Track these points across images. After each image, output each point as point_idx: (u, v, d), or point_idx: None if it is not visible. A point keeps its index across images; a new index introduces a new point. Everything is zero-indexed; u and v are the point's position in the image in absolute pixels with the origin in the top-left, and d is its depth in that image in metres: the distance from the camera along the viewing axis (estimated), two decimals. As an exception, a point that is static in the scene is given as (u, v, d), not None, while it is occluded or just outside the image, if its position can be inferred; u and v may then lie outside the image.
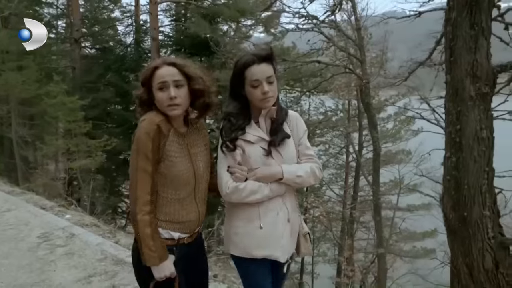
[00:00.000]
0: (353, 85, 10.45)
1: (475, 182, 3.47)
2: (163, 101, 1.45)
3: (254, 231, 1.58)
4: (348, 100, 13.24)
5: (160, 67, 1.48)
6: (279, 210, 1.61)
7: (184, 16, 12.67)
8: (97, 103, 14.94)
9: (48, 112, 10.17)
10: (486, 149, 3.43)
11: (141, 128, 1.45)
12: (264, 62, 1.57)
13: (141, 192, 1.43)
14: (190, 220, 1.56)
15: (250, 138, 1.60)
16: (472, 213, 3.54)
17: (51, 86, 9.62)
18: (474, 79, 3.27)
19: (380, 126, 13.20)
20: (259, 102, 1.58)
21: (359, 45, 9.19)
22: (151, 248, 1.42)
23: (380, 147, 10.07)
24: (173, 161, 1.48)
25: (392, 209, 12.57)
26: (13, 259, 3.27)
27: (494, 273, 3.68)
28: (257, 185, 1.56)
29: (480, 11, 3.15)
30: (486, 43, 3.25)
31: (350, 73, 9.44)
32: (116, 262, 3.08)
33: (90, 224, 4.60)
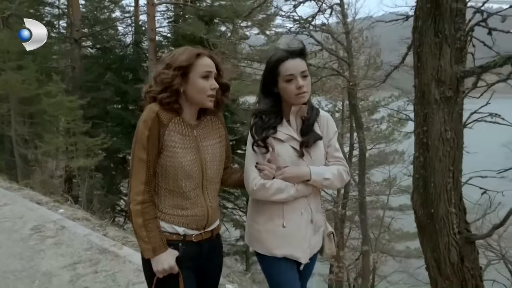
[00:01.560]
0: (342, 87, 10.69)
1: (440, 180, 3.67)
2: (205, 89, 1.41)
3: (276, 229, 1.57)
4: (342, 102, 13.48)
5: (203, 56, 1.44)
6: (303, 210, 1.59)
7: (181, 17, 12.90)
8: (97, 102, 15.21)
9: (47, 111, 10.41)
10: (451, 150, 3.63)
11: (141, 117, 1.42)
12: (298, 57, 1.56)
13: (135, 181, 1.41)
14: (196, 214, 1.48)
15: (280, 136, 1.57)
16: (439, 210, 3.75)
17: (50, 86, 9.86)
18: (438, 83, 3.48)
19: (373, 127, 13.41)
20: (294, 97, 1.55)
21: (347, 48, 9.41)
22: (144, 239, 1.39)
23: (366, 147, 10.30)
24: (174, 152, 1.42)
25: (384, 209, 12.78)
26: (6, 248, 3.50)
27: (459, 266, 3.89)
28: (284, 184, 1.54)
29: (443, 20, 3.36)
30: (449, 50, 3.45)
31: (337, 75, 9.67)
32: (101, 251, 3.30)
33: (82, 218, 4.82)
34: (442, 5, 3.27)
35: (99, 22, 16.24)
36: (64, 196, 7.66)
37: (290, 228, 1.57)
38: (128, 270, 2.88)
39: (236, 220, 13.54)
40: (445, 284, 3.96)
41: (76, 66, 13.33)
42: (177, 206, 1.46)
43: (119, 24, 17.24)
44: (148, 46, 12.22)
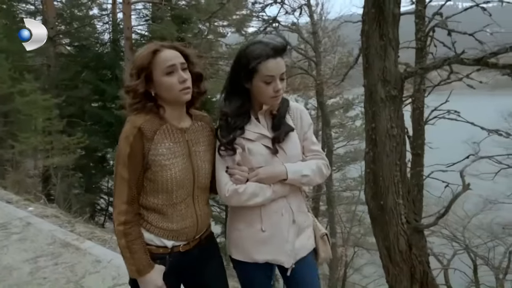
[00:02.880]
0: (310, 86, 11.00)
1: (388, 174, 3.94)
2: (173, 86, 1.32)
3: (255, 234, 1.49)
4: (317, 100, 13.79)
5: (161, 50, 1.33)
6: (283, 211, 1.49)
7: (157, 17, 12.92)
8: (74, 101, 15.06)
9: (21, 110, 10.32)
10: (398, 145, 3.90)
11: (122, 132, 1.33)
12: (280, 56, 1.42)
13: (117, 200, 1.34)
14: (186, 226, 1.42)
15: (250, 136, 1.46)
16: (388, 202, 4.02)
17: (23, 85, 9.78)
18: (384, 83, 3.73)
19: (348, 125, 13.76)
20: (268, 99, 1.45)
21: (314, 48, 9.69)
22: (129, 260, 1.33)
23: (333, 144, 10.62)
24: (162, 165, 1.33)
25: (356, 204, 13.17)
26: (-30, 245, 3.58)
27: (408, 254, 4.18)
28: (259, 187, 1.43)
29: (386, 25, 3.60)
30: (393, 52, 3.71)
31: (304, 74, 9.95)
32: (64, 245, 3.43)
33: (51, 215, 4.90)
34: (385, 10, 3.51)
35: (75, 19, 16.08)
36: (37, 195, 7.66)
37: (270, 232, 1.47)
38: (87, 261, 3.02)
39: (215, 216, 13.69)
40: (396, 271, 4.26)
41: (51, 64, 13.19)
42: (166, 220, 1.39)
43: (97, 22, 17.12)
44: (124, 44, 12.21)
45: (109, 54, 16.05)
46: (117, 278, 2.70)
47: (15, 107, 10.98)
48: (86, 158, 16.03)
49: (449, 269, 9.87)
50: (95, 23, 16.95)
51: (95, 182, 16.99)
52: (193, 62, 1.39)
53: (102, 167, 17.07)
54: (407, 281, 4.29)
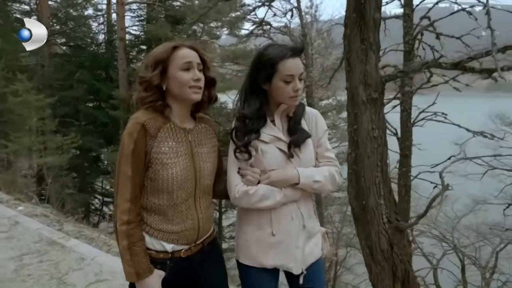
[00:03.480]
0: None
1: (369, 174, 4.04)
2: (186, 82, 1.31)
3: (265, 238, 1.45)
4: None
5: (181, 48, 1.34)
6: (293, 215, 1.47)
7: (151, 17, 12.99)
8: (68, 101, 15.09)
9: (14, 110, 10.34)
10: (379, 146, 4.00)
11: (126, 129, 1.31)
12: (298, 57, 1.44)
13: (120, 199, 1.30)
14: (187, 229, 1.38)
15: (264, 138, 1.45)
16: (369, 202, 4.12)
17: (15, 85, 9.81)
18: (365, 86, 3.83)
19: (341, 126, 13.86)
20: (287, 99, 1.44)
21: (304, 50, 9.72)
22: (128, 262, 1.28)
23: None
24: (163, 164, 1.31)
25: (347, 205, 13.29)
26: (-43, 244, 3.63)
27: (389, 252, 4.28)
28: (270, 189, 1.42)
29: (367, 29, 3.70)
30: (374, 56, 3.80)
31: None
32: (50, 243, 3.49)
33: (40, 214, 4.96)
34: (366, 15, 3.60)
35: (70, 19, 16.10)
36: (28, 194, 7.70)
37: (280, 236, 1.44)
38: (71, 259, 3.09)
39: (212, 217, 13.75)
40: (378, 269, 4.36)
41: (45, 64, 13.21)
42: (166, 221, 1.35)
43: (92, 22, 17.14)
44: (118, 45, 12.27)
45: (104, 54, 16.10)
46: (99, 274, 2.77)
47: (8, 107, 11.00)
48: (80, 158, 16.04)
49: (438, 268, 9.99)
50: (90, 23, 16.99)
51: (89, 182, 17.01)
52: (209, 66, 1.40)
53: (96, 167, 17.08)
54: (389, 279, 4.39)
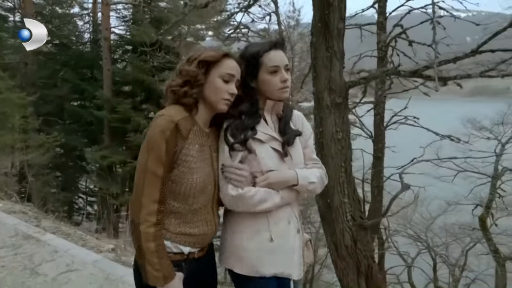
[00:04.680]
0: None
1: (334, 175, 4.29)
2: (221, 92, 1.31)
3: (262, 244, 1.38)
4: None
5: (230, 58, 1.34)
6: (290, 219, 1.43)
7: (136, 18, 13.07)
8: (51, 99, 15.03)
9: (-5, 107, 10.32)
10: (343, 148, 4.25)
11: (156, 125, 1.25)
12: (280, 49, 1.43)
13: (147, 199, 1.24)
14: (205, 233, 1.37)
15: (260, 136, 1.39)
16: (334, 200, 4.37)
17: (-3, 82, 9.81)
18: (330, 91, 4.08)
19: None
20: (276, 91, 1.41)
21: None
22: (155, 266, 1.24)
23: None
24: (190, 168, 1.28)
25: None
26: None
27: (353, 249, 4.54)
28: (268, 192, 1.36)
29: (332, 38, 3.95)
30: (338, 63, 4.05)
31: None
32: (25, 237, 3.63)
33: (19, 211, 5.07)
34: (330, 25, 3.85)
35: (56, 17, 16.02)
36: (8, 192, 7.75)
37: (279, 241, 1.38)
38: (45, 251, 3.24)
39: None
40: (343, 265, 4.62)
41: (29, 62, 13.15)
42: (186, 224, 1.33)
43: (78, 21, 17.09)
44: (102, 44, 12.33)
45: (89, 54, 16.08)
46: (71, 265, 2.94)
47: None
48: (64, 156, 15.99)
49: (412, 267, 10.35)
50: (76, 22, 16.93)
51: (72, 181, 16.90)
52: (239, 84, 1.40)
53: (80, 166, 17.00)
54: (354, 274, 4.66)
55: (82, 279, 2.71)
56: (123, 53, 14.47)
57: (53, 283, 2.67)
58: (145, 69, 11.83)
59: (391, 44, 7.60)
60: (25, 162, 10.68)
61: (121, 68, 14.48)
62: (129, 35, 13.24)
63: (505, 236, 9.61)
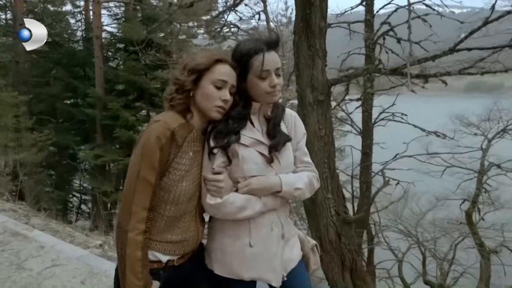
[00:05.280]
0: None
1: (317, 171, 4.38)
2: (213, 99, 1.28)
3: (242, 249, 1.37)
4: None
5: (223, 63, 1.30)
6: (273, 225, 1.39)
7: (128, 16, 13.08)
8: (44, 98, 15.01)
9: (-14, 106, 10.34)
10: (326, 145, 4.35)
11: (152, 131, 1.22)
12: (273, 50, 1.34)
13: (137, 206, 1.21)
14: (185, 240, 1.34)
15: (245, 141, 1.34)
16: (318, 196, 4.47)
17: (-13, 81, 9.81)
18: (312, 89, 4.17)
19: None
20: (264, 95, 1.35)
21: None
22: (137, 275, 1.20)
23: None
24: (181, 176, 1.27)
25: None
26: None
27: (337, 243, 4.65)
28: (247, 199, 1.33)
29: (314, 37, 4.04)
30: (320, 61, 4.15)
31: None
32: (13, 234, 3.70)
33: (8, 209, 5.13)
34: (311, 24, 3.94)
35: (48, 15, 15.96)
36: (-1, 191, 7.78)
37: (258, 247, 1.37)
38: (32, 247, 3.31)
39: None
40: (327, 259, 4.73)
41: (20, 60, 13.12)
42: (167, 231, 1.31)
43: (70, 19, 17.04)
44: (94, 43, 12.33)
45: (81, 52, 16.05)
46: (56, 260, 3.01)
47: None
48: (57, 155, 15.99)
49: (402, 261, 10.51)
50: (68, 20, 16.88)
51: (66, 180, 16.89)
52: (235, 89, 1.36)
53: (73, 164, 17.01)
54: (338, 267, 4.77)
55: (66, 273, 2.79)
56: (115, 52, 14.45)
57: (38, 277, 2.75)
58: (136, 68, 11.85)
59: (379, 41, 7.69)
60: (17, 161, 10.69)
61: (113, 67, 14.47)
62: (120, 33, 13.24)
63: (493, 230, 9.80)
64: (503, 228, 9.61)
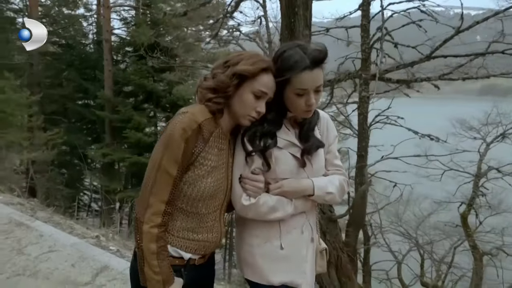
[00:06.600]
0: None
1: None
2: (249, 108, 1.25)
3: (273, 252, 1.35)
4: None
5: (268, 73, 1.25)
6: (303, 228, 1.38)
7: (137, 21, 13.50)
8: (56, 99, 15.56)
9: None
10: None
11: (178, 122, 1.18)
12: (318, 68, 1.27)
13: (155, 198, 1.19)
14: (209, 240, 1.31)
15: (279, 143, 1.33)
16: (303, 194, 4.67)
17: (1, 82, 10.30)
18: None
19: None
20: (299, 111, 1.32)
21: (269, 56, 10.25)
22: (154, 269, 1.19)
23: None
24: (207, 171, 1.23)
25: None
26: None
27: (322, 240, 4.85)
28: (280, 201, 1.32)
29: (298, 44, 4.26)
30: (305, 67, 4.37)
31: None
32: (17, 225, 4.02)
33: (16, 203, 5.49)
34: (295, 32, 4.17)
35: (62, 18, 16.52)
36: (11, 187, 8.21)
37: (289, 250, 1.35)
38: (32, 236, 3.62)
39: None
40: (313, 255, 4.93)
41: (34, 62, 13.68)
42: (190, 229, 1.28)
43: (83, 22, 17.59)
44: (104, 46, 12.78)
45: (93, 54, 16.57)
46: (53, 246, 3.32)
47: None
48: (68, 154, 16.53)
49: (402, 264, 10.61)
50: (81, 23, 17.44)
51: (77, 178, 17.40)
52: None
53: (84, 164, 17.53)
54: (324, 264, 4.97)
55: (60, 258, 3.09)
56: (124, 55, 14.92)
57: (34, 261, 3.05)
58: (144, 71, 12.25)
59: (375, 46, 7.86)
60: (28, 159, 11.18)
61: (122, 69, 14.92)
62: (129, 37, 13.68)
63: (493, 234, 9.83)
64: (504, 232, 9.65)
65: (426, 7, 7.03)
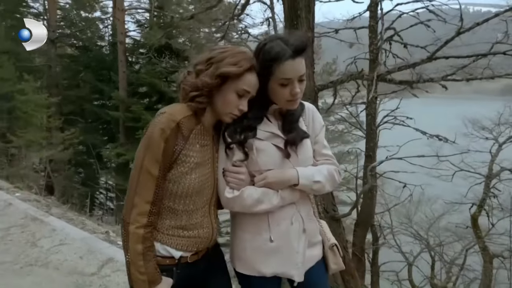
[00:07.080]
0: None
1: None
2: (231, 106, 1.27)
3: (263, 244, 1.36)
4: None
5: (252, 72, 1.26)
6: (293, 219, 1.37)
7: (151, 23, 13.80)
8: (74, 100, 16.06)
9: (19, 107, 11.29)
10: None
11: (157, 123, 1.20)
12: (300, 56, 1.26)
13: (139, 199, 1.20)
14: (200, 236, 1.32)
15: (260, 135, 1.34)
16: (306, 193, 4.76)
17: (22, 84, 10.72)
18: (300, 94, 4.48)
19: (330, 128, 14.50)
20: (284, 102, 1.32)
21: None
22: (140, 269, 1.20)
23: None
24: (190, 168, 1.25)
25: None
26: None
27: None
28: (264, 192, 1.31)
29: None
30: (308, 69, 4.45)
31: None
32: (33, 219, 4.26)
33: (33, 200, 5.76)
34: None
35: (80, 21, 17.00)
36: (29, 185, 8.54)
37: (279, 242, 1.35)
38: (46, 230, 3.84)
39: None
40: (316, 253, 5.01)
41: (52, 65, 14.14)
42: (179, 226, 1.29)
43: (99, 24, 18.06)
44: (118, 48, 13.11)
45: (108, 56, 17.00)
46: (63, 240, 3.53)
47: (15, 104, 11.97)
48: (85, 154, 17.01)
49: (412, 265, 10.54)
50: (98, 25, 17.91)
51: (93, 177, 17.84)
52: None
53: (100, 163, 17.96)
54: (327, 262, 5.04)
55: (69, 250, 3.29)
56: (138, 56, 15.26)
57: (46, 252, 3.26)
58: (156, 72, 12.52)
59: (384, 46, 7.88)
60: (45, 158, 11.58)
61: (135, 70, 15.26)
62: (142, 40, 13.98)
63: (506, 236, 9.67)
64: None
65: (434, 7, 7.00)
